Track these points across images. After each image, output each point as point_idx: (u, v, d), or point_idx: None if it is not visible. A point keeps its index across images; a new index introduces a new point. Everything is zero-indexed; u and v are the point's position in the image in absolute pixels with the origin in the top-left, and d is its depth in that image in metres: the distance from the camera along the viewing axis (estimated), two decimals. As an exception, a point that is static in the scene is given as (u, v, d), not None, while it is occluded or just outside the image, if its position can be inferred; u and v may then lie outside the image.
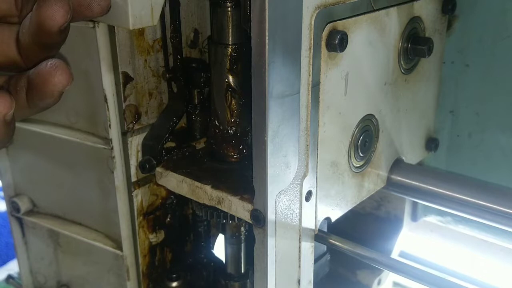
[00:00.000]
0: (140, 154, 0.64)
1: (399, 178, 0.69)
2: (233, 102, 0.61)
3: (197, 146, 0.68)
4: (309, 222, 0.58)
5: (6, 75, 0.45)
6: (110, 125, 0.61)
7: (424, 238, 0.89)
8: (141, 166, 0.64)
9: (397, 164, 0.70)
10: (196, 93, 0.67)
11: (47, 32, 0.40)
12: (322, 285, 0.68)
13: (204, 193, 0.59)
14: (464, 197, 0.65)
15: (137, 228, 0.66)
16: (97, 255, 0.71)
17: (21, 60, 0.44)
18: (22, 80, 0.42)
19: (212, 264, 0.77)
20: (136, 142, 0.64)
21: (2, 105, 0.40)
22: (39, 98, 0.42)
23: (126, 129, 0.62)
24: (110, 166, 0.64)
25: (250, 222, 0.55)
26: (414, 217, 0.85)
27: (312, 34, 0.50)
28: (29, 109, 0.43)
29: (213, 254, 0.78)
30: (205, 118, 0.67)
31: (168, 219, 0.70)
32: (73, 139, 0.65)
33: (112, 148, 0.62)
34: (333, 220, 0.61)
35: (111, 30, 0.58)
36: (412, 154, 0.73)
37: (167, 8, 0.62)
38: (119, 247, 0.68)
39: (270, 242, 0.54)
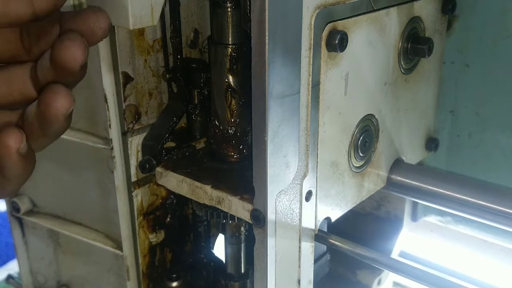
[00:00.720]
0: (140, 154, 0.64)
1: (399, 178, 0.69)
2: (233, 102, 0.61)
3: (197, 146, 0.68)
4: (309, 222, 0.58)
5: (18, 110, 0.45)
6: (110, 125, 0.61)
7: (424, 238, 0.89)
8: (141, 166, 0.64)
9: (397, 164, 0.70)
10: (196, 93, 0.66)
11: (70, 72, 0.41)
12: (322, 285, 0.68)
13: (204, 193, 0.59)
14: (464, 197, 0.65)
15: (137, 228, 0.66)
16: (97, 255, 0.71)
17: (38, 96, 0.44)
18: (32, 110, 0.42)
19: (212, 264, 0.77)
20: (136, 142, 0.64)
21: (12, 140, 0.40)
22: (47, 124, 0.42)
23: (126, 129, 0.62)
24: (110, 166, 0.64)
25: (250, 222, 0.55)
26: (414, 217, 0.85)
27: (312, 34, 0.50)
28: (44, 138, 0.43)
29: (213, 254, 0.78)
30: (205, 118, 0.67)
31: (168, 219, 0.70)
32: (73, 139, 0.65)
33: (112, 148, 0.62)
34: (333, 220, 0.61)
35: (111, 30, 0.58)
36: (412, 154, 0.73)
37: (167, 8, 0.62)
38: (119, 247, 0.68)
39: (270, 242, 0.54)
